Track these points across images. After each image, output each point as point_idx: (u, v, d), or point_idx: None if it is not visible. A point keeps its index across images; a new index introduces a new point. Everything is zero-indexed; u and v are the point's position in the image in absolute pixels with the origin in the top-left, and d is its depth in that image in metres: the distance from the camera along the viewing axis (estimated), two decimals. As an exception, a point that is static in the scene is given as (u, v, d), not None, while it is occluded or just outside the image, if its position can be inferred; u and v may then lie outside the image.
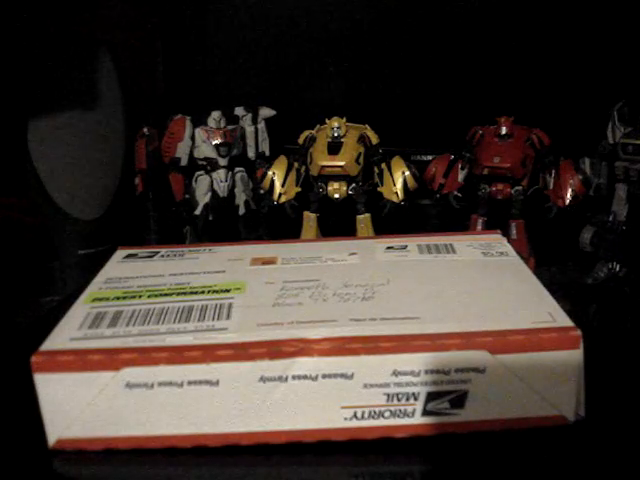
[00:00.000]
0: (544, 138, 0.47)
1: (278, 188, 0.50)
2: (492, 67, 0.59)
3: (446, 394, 0.28)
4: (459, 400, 0.28)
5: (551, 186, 0.47)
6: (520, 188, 0.46)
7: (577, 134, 0.50)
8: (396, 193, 0.48)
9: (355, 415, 0.28)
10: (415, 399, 0.28)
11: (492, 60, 0.59)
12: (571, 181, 0.46)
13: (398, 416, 0.28)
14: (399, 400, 0.28)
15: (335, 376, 0.28)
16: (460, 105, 0.59)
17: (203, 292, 0.33)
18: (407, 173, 0.48)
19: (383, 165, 0.48)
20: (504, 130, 0.46)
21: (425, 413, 0.28)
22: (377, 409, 0.28)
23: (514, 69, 0.58)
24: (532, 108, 0.51)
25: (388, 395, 0.28)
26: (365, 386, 0.28)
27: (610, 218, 0.45)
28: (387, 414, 0.28)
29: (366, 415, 0.28)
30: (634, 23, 0.54)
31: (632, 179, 0.43)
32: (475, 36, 0.58)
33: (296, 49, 0.61)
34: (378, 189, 0.48)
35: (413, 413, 0.28)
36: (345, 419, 0.28)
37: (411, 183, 0.48)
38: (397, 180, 0.48)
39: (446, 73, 0.60)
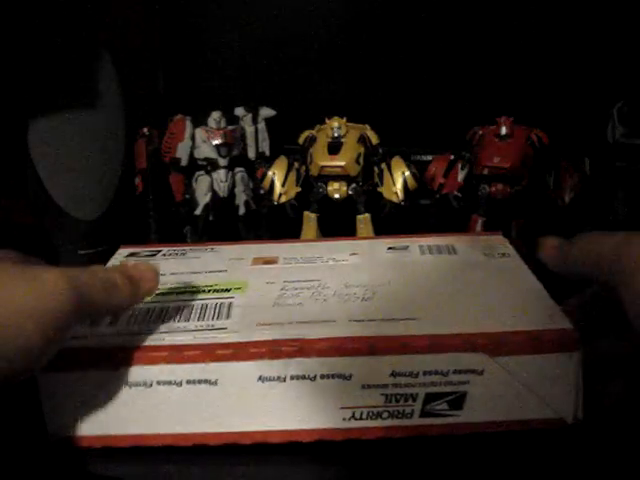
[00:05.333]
0: (544, 138, 0.47)
1: (278, 188, 0.49)
2: (492, 67, 0.59)
3: (445, 395, 0.28)
4: (457, 401, 0.28)
5: (551, 186, 0.47)
6: (520, 188, 0.46)
7: (577, 134, 0.50)
8: (396, 193, 0.48)
9: (353, 415, 0.28)
10: (414, 400, 0.28)
11: (492, 60, 0.59)
12: (571, 181, 0.46)
13: (396, 417, 0.28)
14: (397, 401, 0.28)
15: (334, 376, 0.28)
16: (460, 105, 0.59)
17: (204, 291, 0.33)
18: (407, 173, 0.48)
19: (383, 165, 0.48)
20: (504, 130, 0.46)
21: (424, 414, 0.28)
22: (375, 410, 0.28)
23: (514, 69, 0.58)
24: (532, 108, 0.51)
25: (386, 396, 0.28)
26: (363, 387, 0.28)
27: (610, 218, 0.45)
28: (385, 415, 0.28)
29: (364, 415, 0.28)
30: (634, 23, 0.54)
31: (632, 179, 0.43)
32: (475, 36, 0.58)
33: (296, 49, 0.61)
34: (378, 189, 0.48)
35: (412, 414, 0.28)
36: (344, 419, 0.28)
37: (411, 183, 0.48)
38: (397, 180, 0.48)
39: (446, 73, 0.60)
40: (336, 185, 0.47)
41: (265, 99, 0.55)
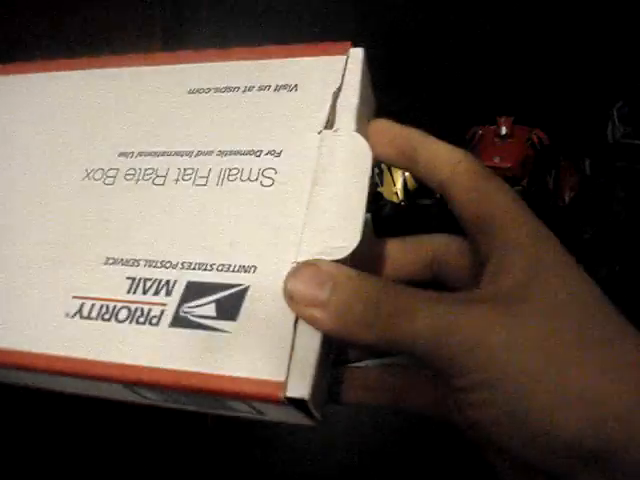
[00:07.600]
0: (544, 138, 0.47)
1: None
2: (492, 67, 0.59)
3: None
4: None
5: (551, 186, 0.47)
6: (520, 188, 0.46)
7: (577, 134, 0.50)
8: (396, 193, 0.48)
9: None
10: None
11: (492, 60, 0.59)
12: (571, 181, 0.46)
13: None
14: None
15: None
16: (460, 105, 0.59)
17: None
18: (407, 173, 0.48)
19: (383, 165, 0.48)
20: (504, 130, 0.46)
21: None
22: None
23: (514, 69, 0.58)
24: (532, 108, 0.51)
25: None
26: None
27: (610, 218, 0.45)
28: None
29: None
30: (634, 23, 0.54)
31: (632, 179, 0.43)
32: (475, 36, 0.58)
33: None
34: (378, 189, 0.48)
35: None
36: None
37: (411, 183, 0.48)
38: (397, 180, 0.48)
39: (446, 73, 0.60)
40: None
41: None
